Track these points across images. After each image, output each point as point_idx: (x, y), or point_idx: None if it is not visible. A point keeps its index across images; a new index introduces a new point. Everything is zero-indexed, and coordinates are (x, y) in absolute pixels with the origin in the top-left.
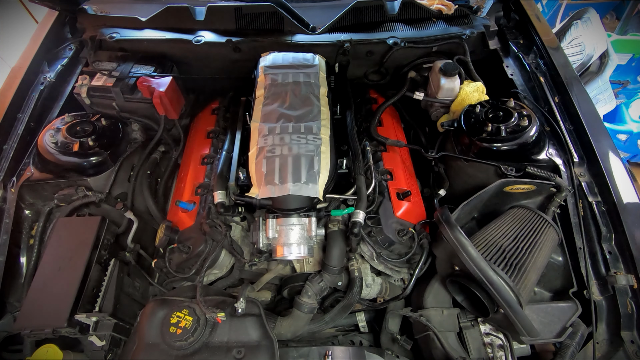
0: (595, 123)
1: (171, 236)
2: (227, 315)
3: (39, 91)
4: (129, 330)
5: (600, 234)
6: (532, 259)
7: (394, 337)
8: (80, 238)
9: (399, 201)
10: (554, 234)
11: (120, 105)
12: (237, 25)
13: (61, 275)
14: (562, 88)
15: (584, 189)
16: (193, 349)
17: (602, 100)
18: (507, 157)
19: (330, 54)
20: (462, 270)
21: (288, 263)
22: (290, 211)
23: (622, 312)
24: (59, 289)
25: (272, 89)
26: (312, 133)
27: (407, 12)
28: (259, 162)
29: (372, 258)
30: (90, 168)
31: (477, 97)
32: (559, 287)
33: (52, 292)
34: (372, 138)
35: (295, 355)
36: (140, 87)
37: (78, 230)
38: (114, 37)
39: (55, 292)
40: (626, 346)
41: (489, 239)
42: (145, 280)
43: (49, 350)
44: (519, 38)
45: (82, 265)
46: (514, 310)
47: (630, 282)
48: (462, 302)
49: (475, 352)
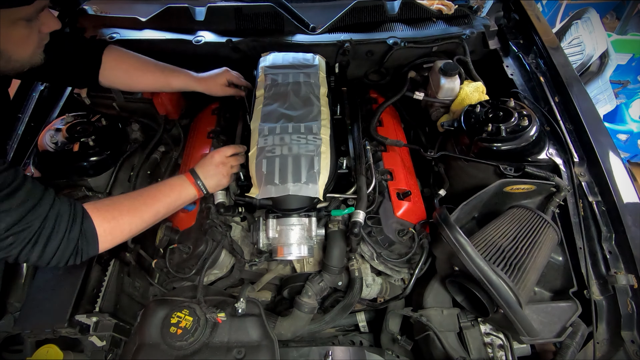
0: (595, 123)
1: (171, 236)
2: (228, 315)
3: (39, 91)
4: (129, 330)
5: (600, 233)
6: (531, 259)
7: (394, 337)
8: None
9: (399, 201)
10: (553, 234)
11: (120, 105)
12: (237, 25)
13: (61, 276)
14: (562, 88)
15: (584, 188)
16: (193, 349)
17: (602, 100)
18: (507, 157)
19: (330, 54)
20: (462, 271)
21: (288, 263)
22: (290, 211)
23: (623, 312)
24: (59, 289)
25: (272, 89)
26: (312, 133)
27: (407, 12)
28: (259, 162)
29: (372, 258)
30: (90, 168)
31: (477, 97)
32: (559, 287)
33: (52, 293)
34: (372, 138)
35: (296, 355)
36: None
37: None
38: (114, 37)
39: (56, 292)
40: (626, 346)
41: (488, 239)
42: (146, 280)
43: (49, 350)
44: (519, 38)
45: (82, 266)
46: (514, 310)
47: (630, 281)
48: (462, 302)
49: (476, 352)
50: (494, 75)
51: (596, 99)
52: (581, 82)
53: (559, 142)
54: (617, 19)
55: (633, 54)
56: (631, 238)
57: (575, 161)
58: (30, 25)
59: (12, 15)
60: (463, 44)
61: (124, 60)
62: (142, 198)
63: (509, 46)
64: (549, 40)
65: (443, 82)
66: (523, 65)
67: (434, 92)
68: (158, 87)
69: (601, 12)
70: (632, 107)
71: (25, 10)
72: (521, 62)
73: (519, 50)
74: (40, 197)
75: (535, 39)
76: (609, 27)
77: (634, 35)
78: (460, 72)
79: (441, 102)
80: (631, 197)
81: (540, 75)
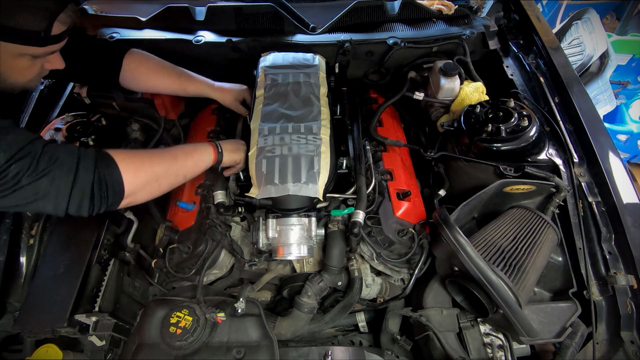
0: (595, 123)
1: (171, 236)
2: (227, 315)
3: (39, 91)
4: (128, 330)
5: (600, 234)
6: (531, 259)
7: (393, 337)
8: (80, 238)
9: (399, 201)
10: (553, 234)
11: (120, 105)
12: (237, 25)
13: (61, 275)
14: (562, 88)
15: (584, 189)
16: (193, 349)
17: (602, 101)
18: (507, 157)
19: (330, 54)
20: (461, 271)
21: (288, 263)
22: (290, 211)
23: (622, 313)
24: (59, 289)
25: (272, 89)
26: (312, 133)
27: (407, 12)
28: (259, 162)
29: (372, 258)
30: None
31: (477, 97)
32: (559, 287)
33: (52, 292)
34: (372, 138)
35: (295, 355)
36: None
37: (78, 230)
38: (114, 37)
39: (55, 292)
40: (626, 346)
41: (488, 240)
42: (145, 280)
43: (49, 350)
44: (519, 38)
45: (82, 265)
46: (513, 310)
47: (630, 282)
48: (462, 303)
49: (475, 352)
50: (494, 76)
51: (596, 100)
52: (581, 83)
53: (559, 142)
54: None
55: (633, 54)
56: (631, 238)
57: (575, 161)
58: (34, 60)
59: (21, 49)
60: (463, 44)
61: (143, 64)
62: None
63: (509, 46)
64: (549, 41)
65: (443, 82)
66: (523, 66)
67: (434, 92)
68: (174, 92)
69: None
70: (632, 107)
71: (35, 50)
72: (521, 62)
73: (519, 50)
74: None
75: (535, 39)
76: (609, 28)
77: (634, 36)
78: (460, 72)
79: (441, 102)
80: (631, 197)
81: (540, 75)
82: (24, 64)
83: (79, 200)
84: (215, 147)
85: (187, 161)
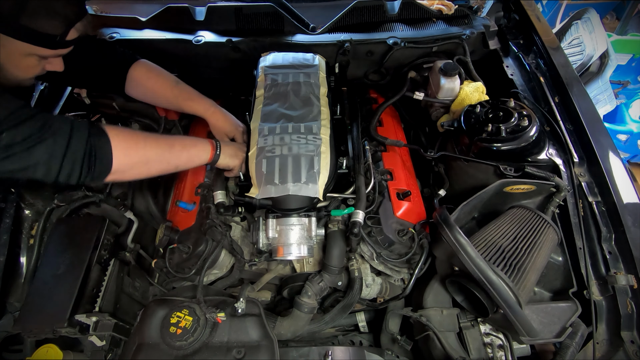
0: (595, 123)
1: (171, 236)
2: (227, 315)
3: (39, 91)
4: (129, 330)
5: (600, 234)
6: (531, 259)
7: (394, 337)
8: (80, 238)
9: (399, 201)
10: (553, 234)
11: (120, 105)
12: (237, 25)
13: (61, 276)
14: (562, 88)
15: (584, 189)
16: (193, 349)
17: (602, 101)
18: (507, 157)
19: (330, 54)
20: (462, 271)
21: (288, 263)
22: (290, 211)
23: (622, 312)
24: (59, 289)
25: (272, 89)
26: (312, 133)
27: (407, 12)
28: (259, 162)
29: (372, 258)
30: None
31: (477, 97)
32: (559, 287)
33: (52, 292)
34: (372, 138)
35: (295, 355)
36: None
37: (78, 230)
38: (114, 37)
39: (56, 292)
40: (626, 346)
41: (488, 239)
42: (145, 280)
43: (49, 350)
44: (519, 38)
45: (82, 265)
46: (513, 310)
47: (630, 282)
48: (462, 302)
49: (475, 352)
50: (494, 76)
51: (596, 99)
52: (581, 83)
53: (559, 142)
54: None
55: (633, 54)
56: (631, 238)
57: (575, 161)
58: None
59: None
60: (463, 44)
61: (148, 78)
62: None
63: (509, 46)
64: (549, 41)
65: (443, 82)
66: (523, 66)
67: (434, 92)
68: (172, 108)
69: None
70: (632, 107)
71: (45, 51)
72: (521, 62)
73: (519, 50)
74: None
75: (535, 39)
76: (609, 28)
77: (634, 36)
78: (460, 72)
79: (441, 102)
80: (631, 197)
81: (540, 75)
82: (30, 63)
83: (70, 169)
84: (214, 148)
85: (182, 153)
